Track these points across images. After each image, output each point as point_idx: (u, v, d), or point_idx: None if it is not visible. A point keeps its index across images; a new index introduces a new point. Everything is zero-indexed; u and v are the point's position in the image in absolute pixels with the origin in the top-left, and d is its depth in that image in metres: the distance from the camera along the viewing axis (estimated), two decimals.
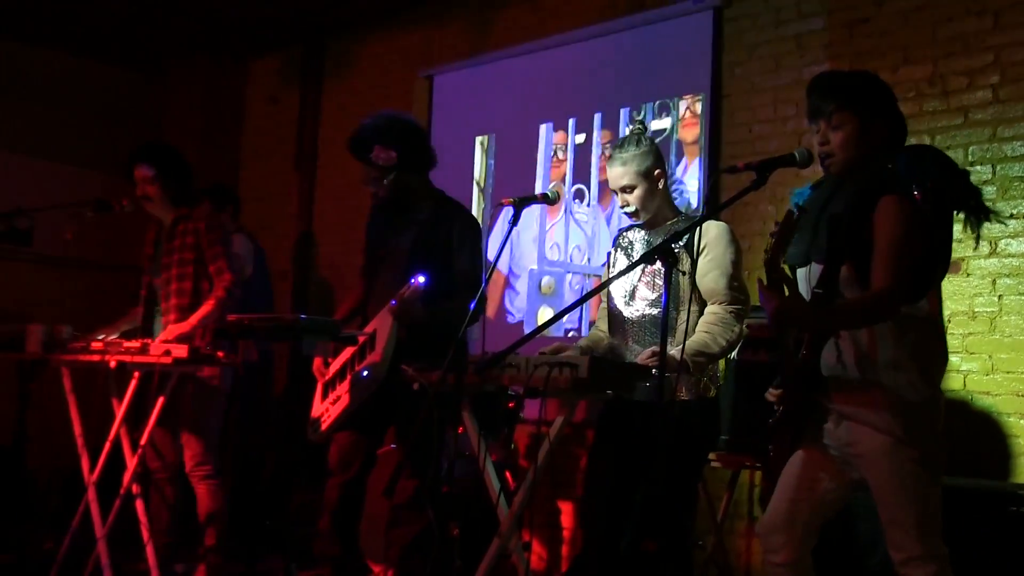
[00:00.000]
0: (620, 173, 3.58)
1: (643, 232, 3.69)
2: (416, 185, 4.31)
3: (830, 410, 2.80)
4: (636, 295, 3.58)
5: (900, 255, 2.63)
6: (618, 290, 3.65)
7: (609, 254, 3.84)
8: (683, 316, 3.42)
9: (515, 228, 3.43)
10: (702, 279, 3.46)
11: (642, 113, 5.54)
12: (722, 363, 3.74)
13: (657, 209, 3.62)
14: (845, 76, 2.96)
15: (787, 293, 2.64)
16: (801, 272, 2.91)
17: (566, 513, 5.58)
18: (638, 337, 3.56)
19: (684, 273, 3.45)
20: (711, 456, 4.11)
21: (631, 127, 3.72)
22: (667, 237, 3.08)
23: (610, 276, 3.64)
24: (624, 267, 3.58)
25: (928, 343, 2.75)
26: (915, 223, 2.64)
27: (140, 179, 4.61)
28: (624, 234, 3.79)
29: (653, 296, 3.54)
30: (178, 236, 4.59)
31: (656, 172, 3.58)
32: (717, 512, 4.46)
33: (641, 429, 3.39)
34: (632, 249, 3.70)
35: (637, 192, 3.57)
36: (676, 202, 3.87)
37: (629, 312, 3.60)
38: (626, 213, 3.64)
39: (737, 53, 5.27)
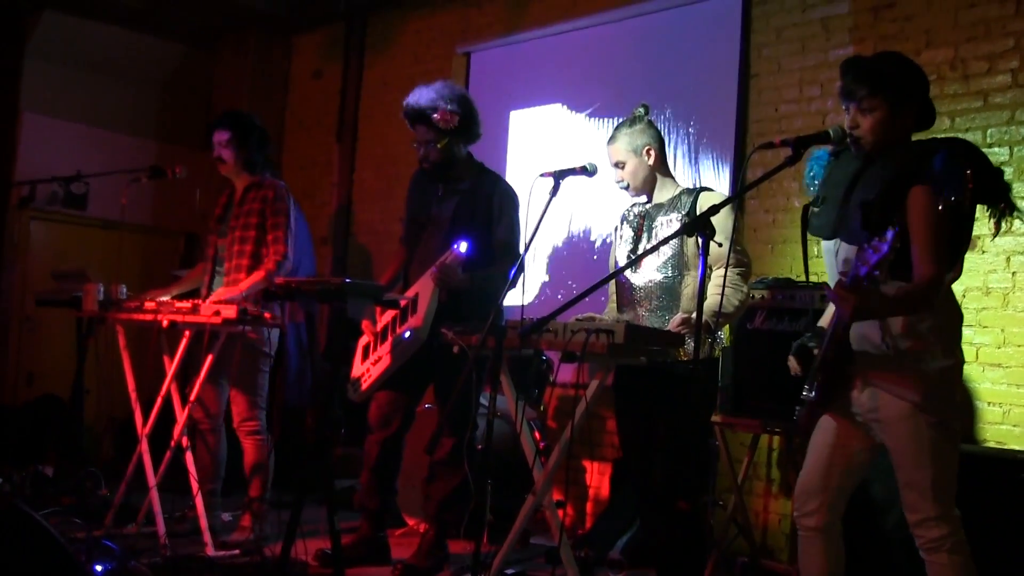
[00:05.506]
0: (613, 150, 3.75)
1: (646, 206, 3.76)
2: (463, 155, 4.33)
3: (856, 378, 2.78)
4: (643, 263, 3.62)
5: (938, 244, 2.63)
6: (625, 260, 3.70)
7: (616, 228, 3.88)
8: (688, 280, 3.54)
9: (553, 199, 3.43)
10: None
11: None
12: (726, 326, 3.79)
13: (649, 183, 3.72)
14: (879, 61, 2.86)
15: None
16: (828, 244, 2.89)
17: (591, 472, 5.61)
18: (647, 303, 3.61)
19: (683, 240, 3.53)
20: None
21: (635, 110, 3.79)
22: (687, 211, 3.14)
23: (641, 249, 3.68)
24: (632, 239, 3.73)
25: (947, 317, 2.74)
26: (947, 214, 2.62)
27: (216, 142, 4.65)
28: (630, 209, 3.84)
29: (659, 263, 3.61)
30: (248, 202, 4.63)
31: (646, 149, 3.69)
32: (738, 474, 4.47)
33: (651, 391, 3.45)
34: (636, 223, 3.75)
35: (627, 168, 3.71)
36: None
37: (637, 280, 3.66)
38: (620, 187, 3.76)
39: (765, 35, 5.19)
